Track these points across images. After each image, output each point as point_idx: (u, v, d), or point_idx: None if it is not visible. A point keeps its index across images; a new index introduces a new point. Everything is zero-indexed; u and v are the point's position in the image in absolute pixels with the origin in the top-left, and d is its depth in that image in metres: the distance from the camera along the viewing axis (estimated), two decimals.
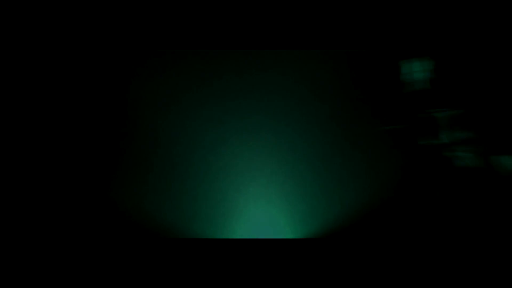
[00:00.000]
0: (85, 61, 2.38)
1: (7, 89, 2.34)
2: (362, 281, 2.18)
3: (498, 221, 1.08)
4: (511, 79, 1.04)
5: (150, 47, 2.38)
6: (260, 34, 2.38)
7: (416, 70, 1.13)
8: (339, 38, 2.35)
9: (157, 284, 2.20)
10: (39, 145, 2.35)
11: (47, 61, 2.37)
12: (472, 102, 1.06)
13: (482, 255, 1.12)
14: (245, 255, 2.27)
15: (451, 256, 1.16)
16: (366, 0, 2.27)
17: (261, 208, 2.38)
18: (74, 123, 2.38)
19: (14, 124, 2.34)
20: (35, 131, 2.36)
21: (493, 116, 1.05)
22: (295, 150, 2.39)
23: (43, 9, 2.30)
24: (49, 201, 2.34)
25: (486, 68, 1.05)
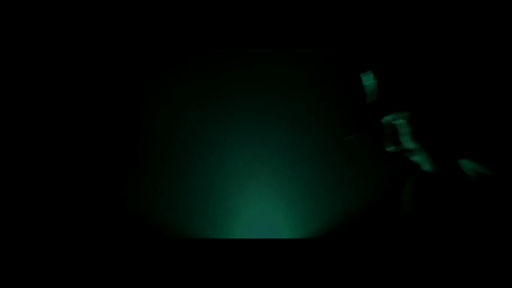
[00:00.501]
0: (98, 63, 2.38)
1: (24, 90, 2.35)
2: (362, 281, 2.18)
3: (484, 220, 1.09)
4: (473, 83, 1.04)
5: (152, 47, 2.39)
6: (259, 33, 2.38)
7: (371, 81, 1.13)
8: (338, 38, 2.35)
9: (156, 284, 2.20)
10: (52, 146, 2.36)
11: (62, 61, 2.37)
12: (432, 106, 1.07)
13: (476, 254, 1.12)
14: (245, 255, 2.27)
15: (447, 255, 1.16)
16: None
17: (261, 208, 2.38)
18: (85, 123, 2.38)
19: (29, 126, 2.35)
20: (50, 132, 2.36)
21: (454, 120, 1.06)
22: (295, 150, 2.39)
23: (71, 9, 2.31)
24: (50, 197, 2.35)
25: (449, 71, 1.05)
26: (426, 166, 1.10)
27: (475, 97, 1.00)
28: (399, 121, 1.08)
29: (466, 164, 1.09)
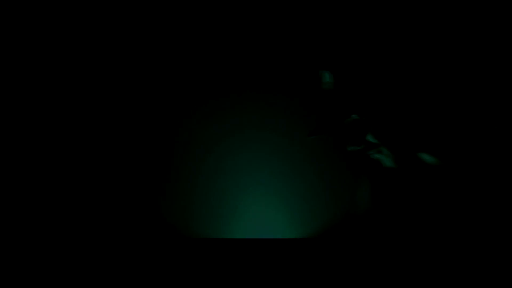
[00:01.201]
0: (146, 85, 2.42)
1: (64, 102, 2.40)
2: (361, 280, 2.17)
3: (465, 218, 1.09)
4: (431, 83, 1.05)
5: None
6: (264, 42, 2.40)
7: (329, 81, 1.14)
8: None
9: (156, 284, 2.21)
10: (87, 153, 2.41)
11: (100, 65, 2.41)
12: (391, 105, 1.08)
13: (472, 253, 1.12)
14: (245, 255, 2.27)
15: (444, 254, 1.17)
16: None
17: (261, 208, 2.38)
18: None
19: (74, 135, 2.41)
20: (89, 141, 2.41)
21: (412, 117, 1.08)
22: (295, 151, 2.39)
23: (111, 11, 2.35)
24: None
25: (406, 71, 1.07)
26: (387, 163, 1.12)
27: (437, 94, 1.01)
28: (360, 120, 1.09)
29: (426, 159, 1.10)
